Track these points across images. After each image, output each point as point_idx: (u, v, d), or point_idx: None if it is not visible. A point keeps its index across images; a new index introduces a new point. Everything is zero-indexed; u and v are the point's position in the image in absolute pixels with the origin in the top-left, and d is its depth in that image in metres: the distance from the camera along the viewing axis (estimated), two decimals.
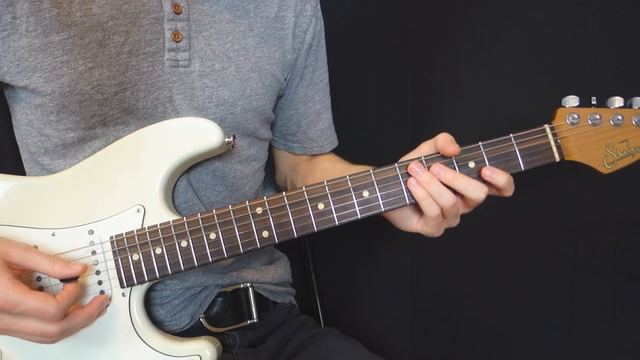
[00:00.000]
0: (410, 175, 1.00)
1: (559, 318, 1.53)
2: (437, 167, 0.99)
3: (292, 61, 1.30)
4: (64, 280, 0.97)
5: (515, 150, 0.99)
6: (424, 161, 1.00)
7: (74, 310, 0.99)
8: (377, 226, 1.20)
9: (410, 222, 1.08)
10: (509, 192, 1.00)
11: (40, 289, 1.03)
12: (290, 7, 1.28)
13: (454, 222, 1.04)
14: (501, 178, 0.98)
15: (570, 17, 1.42)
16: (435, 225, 1.02)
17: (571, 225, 1.49)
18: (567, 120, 1.00)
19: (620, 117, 0.99)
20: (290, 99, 1.36)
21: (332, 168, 1.32)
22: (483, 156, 0.99)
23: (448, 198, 0.98)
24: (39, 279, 1.03)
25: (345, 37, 1.68)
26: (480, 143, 1.00)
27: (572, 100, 1.01)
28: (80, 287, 1.01)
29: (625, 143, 1.00)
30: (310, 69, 1.35)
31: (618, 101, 1.00)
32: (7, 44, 1.06)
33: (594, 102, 1.00)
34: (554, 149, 1.00)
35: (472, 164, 0.99)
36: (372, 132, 1.71)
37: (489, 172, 0.98)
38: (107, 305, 1.05)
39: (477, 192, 0.98)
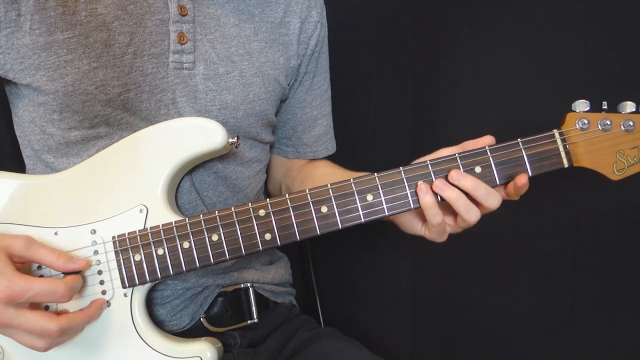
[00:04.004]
0: (418, 180, 0.99)
1: (559, 318, 1.53)
2: (456, 173, 0.97)
3: (296, 67, 1.30)
4: (67, 273, 0.99)
5: (523, 156, 0.97)
6: (429, 165, 0.99)
7: (74, 312, 1.00)
8: (377, 227, 1.20)
9: (414, 227, 1.08)
10: (488, 200, 0.98)
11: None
12: (295, 13, 1.28)
13: (460, 229, 1.03)
14: (468, 182, 0.96)
15: (571, 16, 1.41)
16: (438, 231, 1.01)
17: (571, 225, 1.49)
18: (577, 126, 0.97)
19: (631, 123, 0.97)
20: (288, 103, 1.35)
21: (332, 175, 1.32)
22: (490, 161, 0.98)
23: (475, 213, 0.97)
24: (39, 267, 1.03)
25: (345, 40, 1.67)
26: (487, 147, 0.98)
27: (582, 105, 0.98)
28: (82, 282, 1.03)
29: (636, 149, 0.98)
30: (310, 74, 1.34)
31: (630, 106, 0.97)
32: (10, 41, 1.05)
33: (604, 107, 0.98)
34: (563, 154, 0.98)
35: (478, 169, 0.98)
36: (372, 136, 1.71)
37: (455, 174, 0.97)
38: (109, 306, 1.05)
39: (495, 201, 0.97)
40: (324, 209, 1.00)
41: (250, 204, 1.02)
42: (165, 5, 1.12)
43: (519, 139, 0.98)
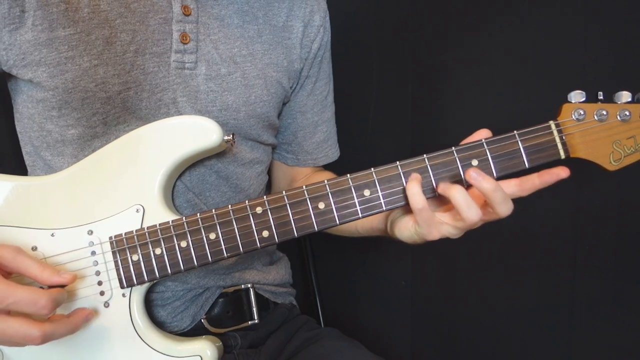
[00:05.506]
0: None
1: (559, 318, 1.52)
2: (475, 172, 0.92)
3: (299, 70, 1.29)
4: (52, 287, 0.96)
5: (519, 148, 0.96)
6: (426, 159, 0.98)
7: (60, 318, 0.98)
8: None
9: (407, 224, 1.04)
10: (501, 207, 0.94)
11: None
12: (298, 17, 1.27)
13: (457, 234, 1.00)
14: (487, 184, 0.92)
15: (571, 14, 1.41)
16: (424, 220, 0.97)
17: (571, 225, 1.49)
18: (573, 116, 0.96)
19: (627, 113, 0.96)
20: (289, 107, 1.35)
21: None
22: (487, 154, 0.97)
23: (475, 213, 0.93)
24: None
25: (346, 40, 1.67)
26: (483, 140, 0.97)
27: (578, 96, 0.97)
28: (72, 293, 1.02)
29: (633, 139, 0.96)
30: (312, 79, 1.34)
31: (625, 96, 0.96)
32: (14, 37, 1.05)
33: (600, 97, 0.97)
34: (559, 145, 0.96)
35: (475, 162, 0.97)
36: (372, 135, 1.70)
37: (474, 173, 0.92)
38: (107, 306, 1.04)
39: (508, 208, 0.94)
40: (321, 205, 0.99)
41: (247, 201, 1.01)
42: (168, 5, 1.12)
43: (515, 131, 0.97)
